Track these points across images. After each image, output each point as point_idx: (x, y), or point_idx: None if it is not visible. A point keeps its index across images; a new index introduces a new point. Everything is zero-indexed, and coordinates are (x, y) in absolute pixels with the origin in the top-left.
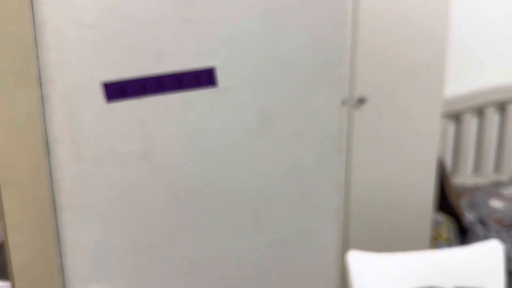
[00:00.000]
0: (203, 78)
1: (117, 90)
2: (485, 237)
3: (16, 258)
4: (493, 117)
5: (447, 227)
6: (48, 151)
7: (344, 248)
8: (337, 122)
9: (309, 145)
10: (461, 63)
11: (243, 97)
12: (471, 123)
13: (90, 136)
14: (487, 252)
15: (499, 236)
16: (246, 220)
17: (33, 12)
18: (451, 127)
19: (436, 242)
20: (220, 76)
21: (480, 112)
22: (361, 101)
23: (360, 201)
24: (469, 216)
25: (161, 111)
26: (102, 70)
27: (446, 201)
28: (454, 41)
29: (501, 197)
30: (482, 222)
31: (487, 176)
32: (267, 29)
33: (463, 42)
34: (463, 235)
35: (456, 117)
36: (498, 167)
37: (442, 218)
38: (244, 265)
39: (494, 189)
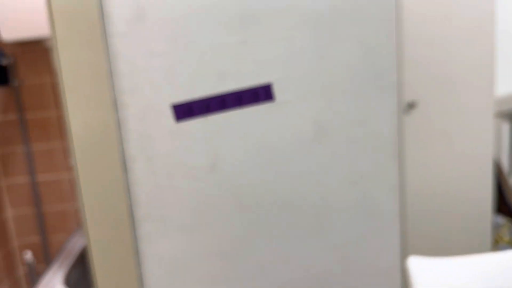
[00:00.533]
0: (261, 94)
1: (184, 110)
2: None
3: (98, 268)
4: None
5: (508, 229)
6: (125, 169)
7: (403, 252)
8: (393, 128)
9: (365, 151)
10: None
11: (299, 109)
12: None
13: (162, 153)
14: None
15: None
16: (309, 225)
17: (107, 45)
18: (506, 127)
19: (497, 246)
20: (276, 91)
21: None
22: (411, 106)
23: (416, 206)
24: None
25: (224, 127)
26: (170, 93)
27: (504, 202)
28: (503, 38)
29: None
30: None
31: None
32: (319, 44)
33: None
34: None
35: (510, 116)
36: None
37: (502, 220)
38: (309, 268)
39: None
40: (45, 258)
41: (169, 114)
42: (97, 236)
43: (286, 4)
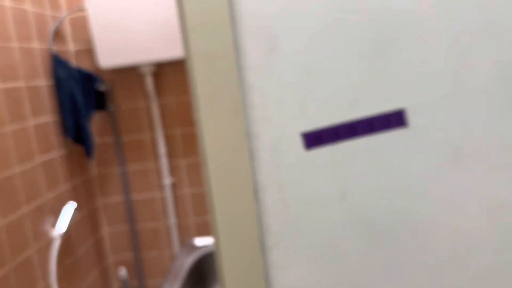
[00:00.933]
0: (393, 120)
1: (314, 139)
2: None
3: None
4: None
5: None
6: (257, 197)
7: None
8: None
9: (506, 178)
10: None
11: (434, 134)
12: None
13: (292, 182)
14: None
15: None
16: (444, 255)
17: (241, 77)
18: None
19: None
20: (410, 116)
21: None
22: None
23: None
24: None
25: (354, 154)
26: (301, 121)
27: None
28: None
29: None
30: None
31: None
32: (455, 66)
33: None
34: None
35: None
36: None
37: None
38: None
39: None
40: (138, 274)
41: (299, 143)
42: (229, 262)
43: (421, 28)
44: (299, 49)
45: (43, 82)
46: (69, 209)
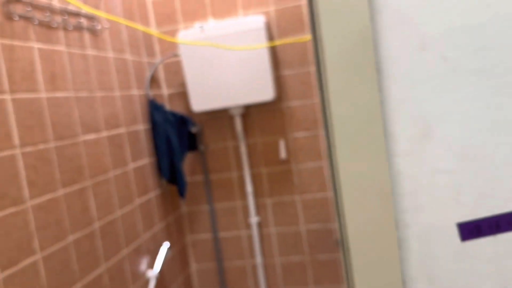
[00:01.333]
0: None
1: (471, 229)
2: None
3: None
4: None
5: None
6: None
7: None
8: None
9: None
10: None
11: None
12: None
13: (445, 275)
14: None
15: None
16: None
17: (390, 163)
18: None
19: None
20: None
21: None
22: None
23: None
24: None
25: None
26: (456, 211)
27: None
28: None
29: None
30: None
31: None
32: None
33: None
34: None
35: None
36: None
37: None
38: None
39: None
40: None
41: (454, 233)
42: None
43: None
44: (454, 134)
45: (141, 127)
46: (163, 249)
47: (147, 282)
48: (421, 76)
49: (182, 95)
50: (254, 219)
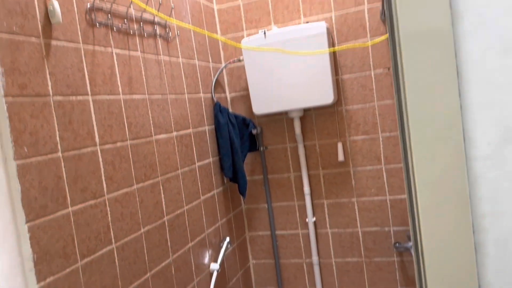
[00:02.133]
0: None
1: None
2: None
3: None
4: None
5: None
6: None
7: None
8: None
9: None
10: None
11: None
12: None
13: None
14: None
15: None
16: None
17: (467, 168)
18: None
19: None
20: None
21: None
22: None
23: None
24: None
25: None
26: None
27: None
28: None
29: None
30: None
31: None
32: None
33: None
34: None
35: None
36: None
37: None
38: None
39: None
40: None
41: None
42: None
43: None
44: None
45: (207, 128)
46: (225, 244)
47: (210, 274)
48: (502, 80)
49: (244, 98)
50: (311, 219)
